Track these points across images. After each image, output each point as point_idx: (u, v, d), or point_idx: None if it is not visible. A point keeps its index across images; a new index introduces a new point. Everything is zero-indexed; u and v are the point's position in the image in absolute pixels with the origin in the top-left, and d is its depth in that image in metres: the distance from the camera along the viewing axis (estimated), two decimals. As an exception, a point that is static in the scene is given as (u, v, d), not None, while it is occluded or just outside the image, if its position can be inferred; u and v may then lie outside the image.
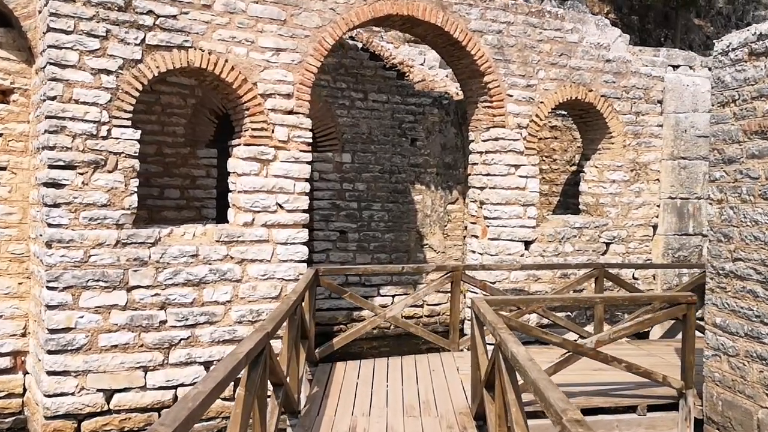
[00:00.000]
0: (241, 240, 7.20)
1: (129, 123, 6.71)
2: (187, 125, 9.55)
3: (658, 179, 9.56)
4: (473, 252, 8.85)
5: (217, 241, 7.10)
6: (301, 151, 7.49)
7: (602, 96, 9.15)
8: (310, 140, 7.58)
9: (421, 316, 11.54)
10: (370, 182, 11.08)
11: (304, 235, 7.51)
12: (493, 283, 8.42)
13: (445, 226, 11.94)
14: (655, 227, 9.59)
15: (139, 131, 6.83)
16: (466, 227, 12.11)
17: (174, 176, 9.50)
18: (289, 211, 7.41)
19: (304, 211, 7.53)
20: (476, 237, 8.85)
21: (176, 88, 9.53)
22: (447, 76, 13.21)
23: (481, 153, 8.83)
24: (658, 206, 9.57)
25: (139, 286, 6.71)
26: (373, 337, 11.08)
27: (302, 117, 7.50)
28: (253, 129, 7.29)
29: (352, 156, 10.99)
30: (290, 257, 7.41)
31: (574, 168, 10.68)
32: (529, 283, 8.69)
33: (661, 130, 9.57)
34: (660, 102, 9.57)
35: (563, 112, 10.67)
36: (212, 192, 9.80)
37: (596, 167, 9.46)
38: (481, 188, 8.78)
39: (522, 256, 8.65)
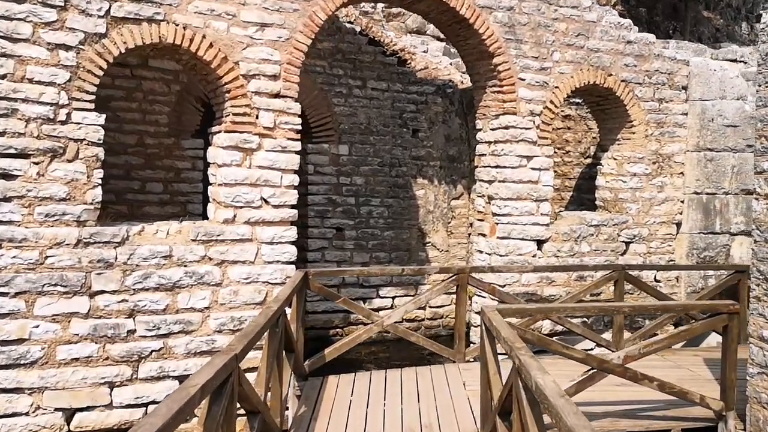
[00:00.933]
0: (220, 239, 6.32)
1: (92, 106, 5.84)
2: (171, 113, 8.73)
3: (682, 172, 8.66)
4: (480, 252, 7.96)
5: (193, 240, 6.23)
6: (288, 139, 6.61)
7: (623, 81, 8.25)
8: (299, 127, 6.70)
9: (423, 319, 10.74)
10: (368, 176, 10.24)
11: (292, 233, 6.64)
12: (503, 286, 7.54)
13: (449, 223, 11.08)
14: (678, 225, 8.69)
15: (104, 115, 5.96)
16: (471, 224, 11.24)
17: (157, 169, 8.69)
18: (275, 206, 6.53)
19: (292, 206, 6.66)
20: (484, 235, 7.96)
21: (159, 73, 8.72)
22: (451, 64, 12.33)
23: (489, 143, 7.94)
24: (682, 202, 8.68)
25: (103, 291, 5.84)
26: (372, 341, 10.23)
27: (290, 101, 6.62)
28: (234, 114, 6.41)
29: (350, 148, 10.15)
30: (276, 258, 6.53)
31: (589, 161, 9.79)
32: (542, 287, 7.81)
33: (686, 119, 8.67)
34: (685, 88, 8.67)
35: (577, 100, 9.78)
36: (198, 186, 8.97)
37: (615, 159, 8.56)
38: (490, 182, 7.89)
39: (534, 256, 7.77)
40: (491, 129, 7.87)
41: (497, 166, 7.78)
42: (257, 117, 6.47)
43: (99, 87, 5.76)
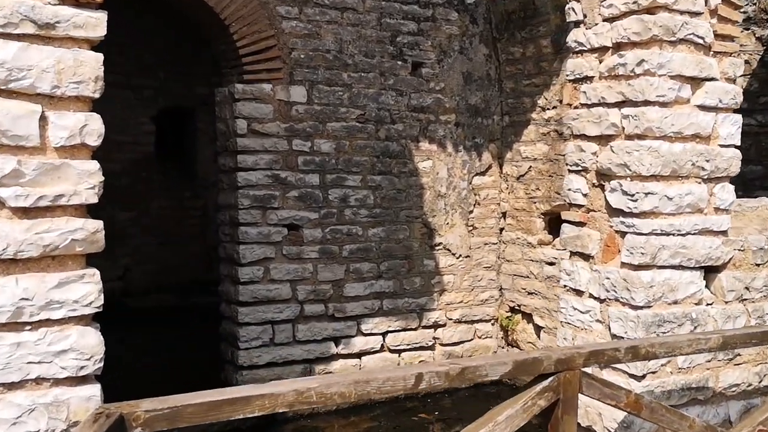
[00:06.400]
0: None
1: None
2: None
3: None
4: (579, 293, 3.37)
5: None
6: (64, 3, 1.96)
7: None
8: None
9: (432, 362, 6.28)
10: (341, 138, 5.75)
11: (79, 290, 2.00)
12: (640, 378, 3.01)
13: (470, 212, 6.55)
14: None
15: None
16: (504, 214, 6.71)
17: None
18: (19, 210, 1.91)
19: (83, 209, 2.03)
20: (587, 258, 3.35)
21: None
22: (467, -29, 7.68)
23: (599, 51, 3.29)
24: None
25: None
26: (350, 408, 5.86)
27: None
28: None
29: (309, 91, 5.60)
30: (28, 369, 1.94)
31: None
32: (715, 371, 3.28)
33: None
34: None
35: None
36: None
37: (831, 94, 4.00)
38: (603, 138, 3.28)
39: (699, 303, 3.22)
40: (606, 18, 3.21)
41: (623, 102, 3.15)
42: None
43: None
